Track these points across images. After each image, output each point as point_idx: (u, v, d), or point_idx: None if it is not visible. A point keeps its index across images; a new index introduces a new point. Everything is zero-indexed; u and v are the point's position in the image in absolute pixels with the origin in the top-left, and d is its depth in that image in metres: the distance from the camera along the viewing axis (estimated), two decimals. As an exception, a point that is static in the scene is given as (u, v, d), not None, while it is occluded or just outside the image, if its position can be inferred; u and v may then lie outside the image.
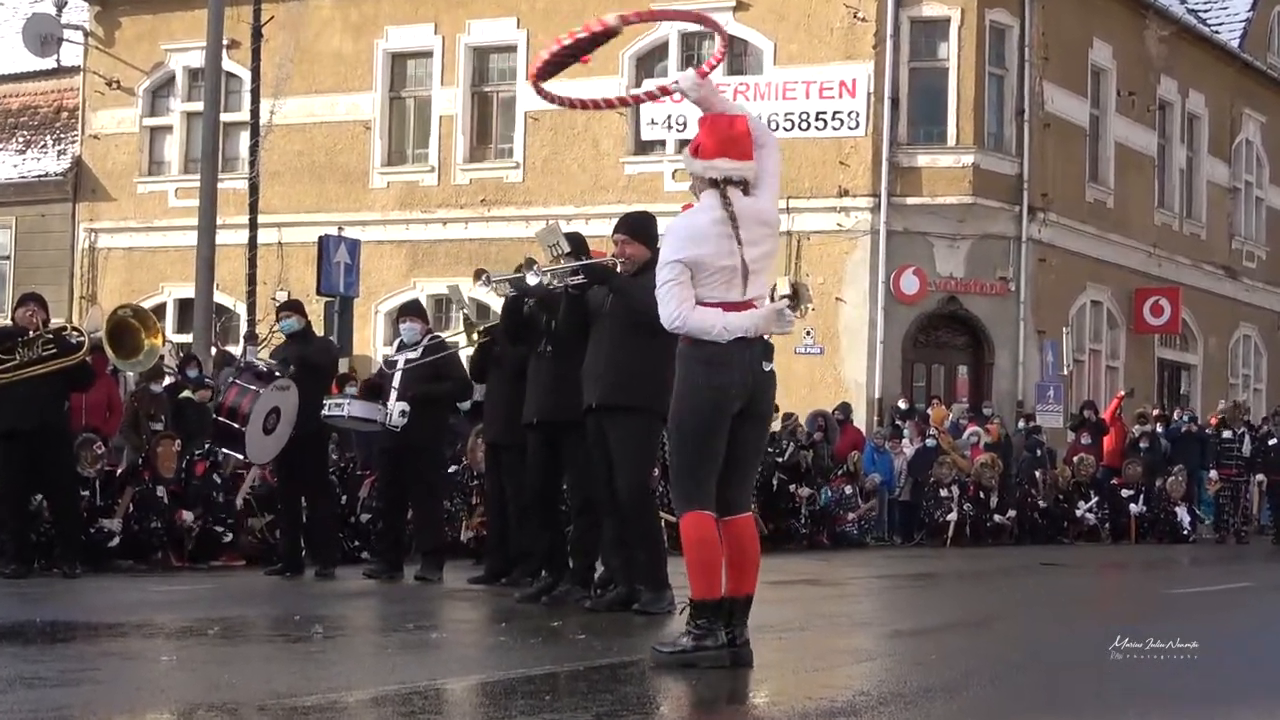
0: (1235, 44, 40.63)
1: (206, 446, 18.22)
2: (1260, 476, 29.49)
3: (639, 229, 11.26)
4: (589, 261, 11.71)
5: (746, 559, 8.40)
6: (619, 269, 11.19)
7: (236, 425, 15.46)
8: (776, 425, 26.21)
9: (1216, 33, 40.38)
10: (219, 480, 18.17)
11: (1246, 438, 29.73)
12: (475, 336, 14.85)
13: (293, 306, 16.76)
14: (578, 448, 12.13)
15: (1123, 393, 31.99)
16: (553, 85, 9.12)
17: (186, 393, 20.66)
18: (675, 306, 8.20)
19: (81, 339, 15.29)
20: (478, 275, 12.89)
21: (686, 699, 7.60)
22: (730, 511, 8.32)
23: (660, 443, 11.79)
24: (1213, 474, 29.69)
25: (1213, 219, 40.07)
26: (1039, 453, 29.18)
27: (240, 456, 16.52)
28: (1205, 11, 41.60)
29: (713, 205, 8.32)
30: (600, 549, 12.19)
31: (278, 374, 15.75)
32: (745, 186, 8.39)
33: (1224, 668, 9.04)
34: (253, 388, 15.57)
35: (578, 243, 12.22)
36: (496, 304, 15.23)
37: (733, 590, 8.32)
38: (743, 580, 8.36)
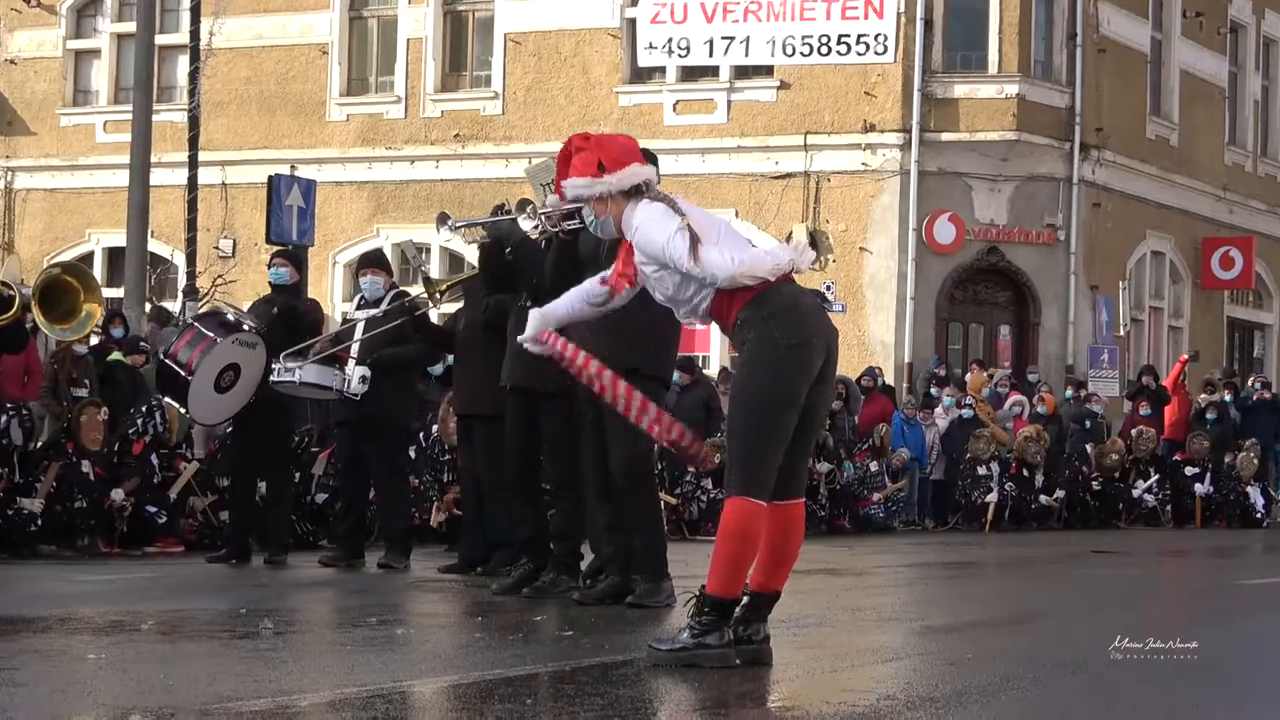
0: (1318, -43, 40.60)
1: (140, 422, 18.19)
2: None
3: (640, 168, 11.23)
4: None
5: (790, 552, 8.55)
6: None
7: (182, 374, 15.35)
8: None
9: (1297, -57, 40.36)
10: (156, 462, 18.13)
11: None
12: (439, 295, 14.83)
13: (289, 256, 16.75)
14: (560, 417, 12.16)
15: (1186, 356, 32.00)
16: None
17: (116, 355, 20.62)
18: (722, 255, 8.26)
19: (11, 294, 15.22)
20: (440, 220, 12.86)
21: (687, 703, 7.62)
22: (787, 495, 8.40)
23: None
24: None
25: (1292, 158, 40.09)
26: (1089, 424, 29.17)
27: (183, 411, 16.45)
28: (1284, -80, 41.57)
29: (643, 205, 8.48)
30: (590, 533, 12.20)
31: (245, 326, 15.62)
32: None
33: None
34: (210, 335, 15.42)
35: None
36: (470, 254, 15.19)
37: (763, 584, 8.39)
38: (778, 575, 8.48)
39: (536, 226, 11.74)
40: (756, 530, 8.30)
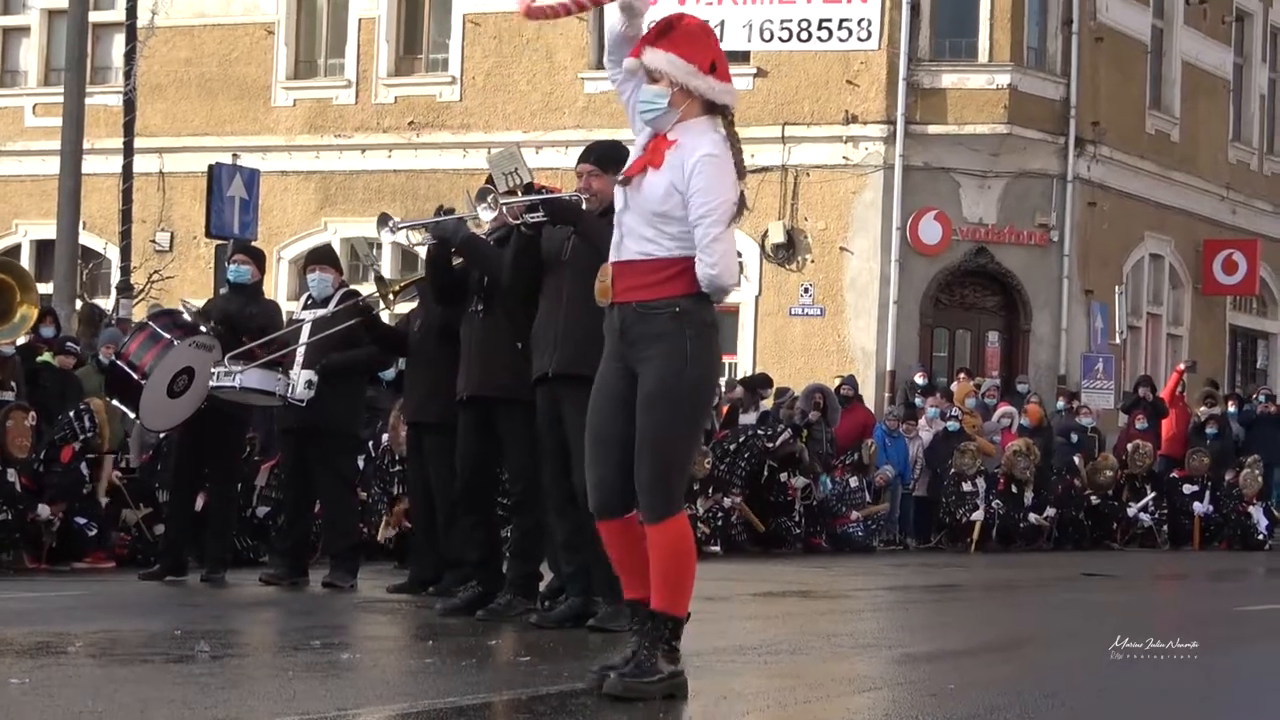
0: (1330, -58, 40.77)
1: (69, 427, 18.16)
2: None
3: (610, 160, 11.15)
4: (553, 195, 11.70)
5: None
6: (586, 206, 11.14)
7: (135, 376, 15.35)
8: (768, 403, 26.33)
9: (1307, -72, 40.53)
10: (86, 471, 18.10)
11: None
12: (392, 297, 14.84)
13: (251, 253, 16.72)
14: (516, 429, 12.19)
15: (1183, 366, 32.07)
16: None
17: (45, 356, 20.59)
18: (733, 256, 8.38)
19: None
20: (381, 221, 12.87)
21: (651, 736, 7.65)
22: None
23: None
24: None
25: (1299, 156, 40.24)
26: (1075, 438, 29.15)
27: (132, 415, 16.44)
28: (1294, -98, 41.73)
29: (716, 139, 8.43)
30: (548, 551, 12.22)
31: (202, 328, 15.63)
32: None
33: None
34: (166, 336, 15.41)
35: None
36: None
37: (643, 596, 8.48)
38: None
39: (497, 217, 11.79)
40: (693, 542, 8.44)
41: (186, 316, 16.02)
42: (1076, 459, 28.57)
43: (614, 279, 8.29)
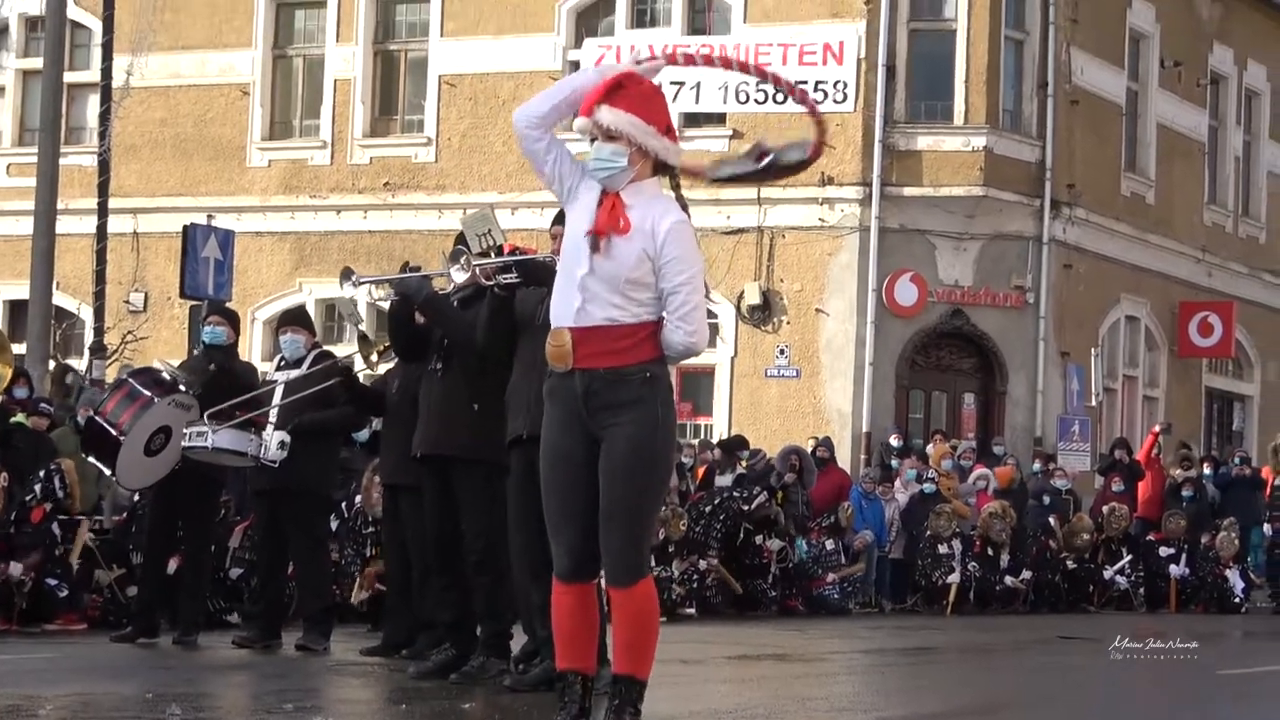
0: (1304, 6, 40.97)
1: (39, 488, 18.10)
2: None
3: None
4: (526, 257, 11.73)
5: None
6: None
7: (113, 433, 15.32)
8: (742, 465, 26.31)
9: (1281, -8, 40.73)
10: (58, 532, 18.05)
11: (1292, 484, 29.90)
12: (374, 356, 14.84)
13: (226, 315, 16.72)
14: (474, 489, 12.21)
15: (1158, 428, 32.07)
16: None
17: (19, 417, 20.54)
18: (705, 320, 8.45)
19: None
20: (344, 275, 12.89)
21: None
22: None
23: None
24: (1267, 529, 29.84)
25: (1275, 218, 40.39)
26: (1047, 500, 29.14)
27: (108, 472, 16.41)
28: (1268, -34, 41.94)
29: (674, 203, 8.45)
30: (523, 614, 12.19)
31: (181, 387, 15.62)
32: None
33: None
34: (146, 394, 15.41)
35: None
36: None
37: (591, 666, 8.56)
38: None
39: (470, 278, 11.81)
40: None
41: (165, 375, 16.02)
42: (1052, 521, 28.57)
43: (575, 344, 8.28)
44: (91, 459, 16.74)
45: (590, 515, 8.28)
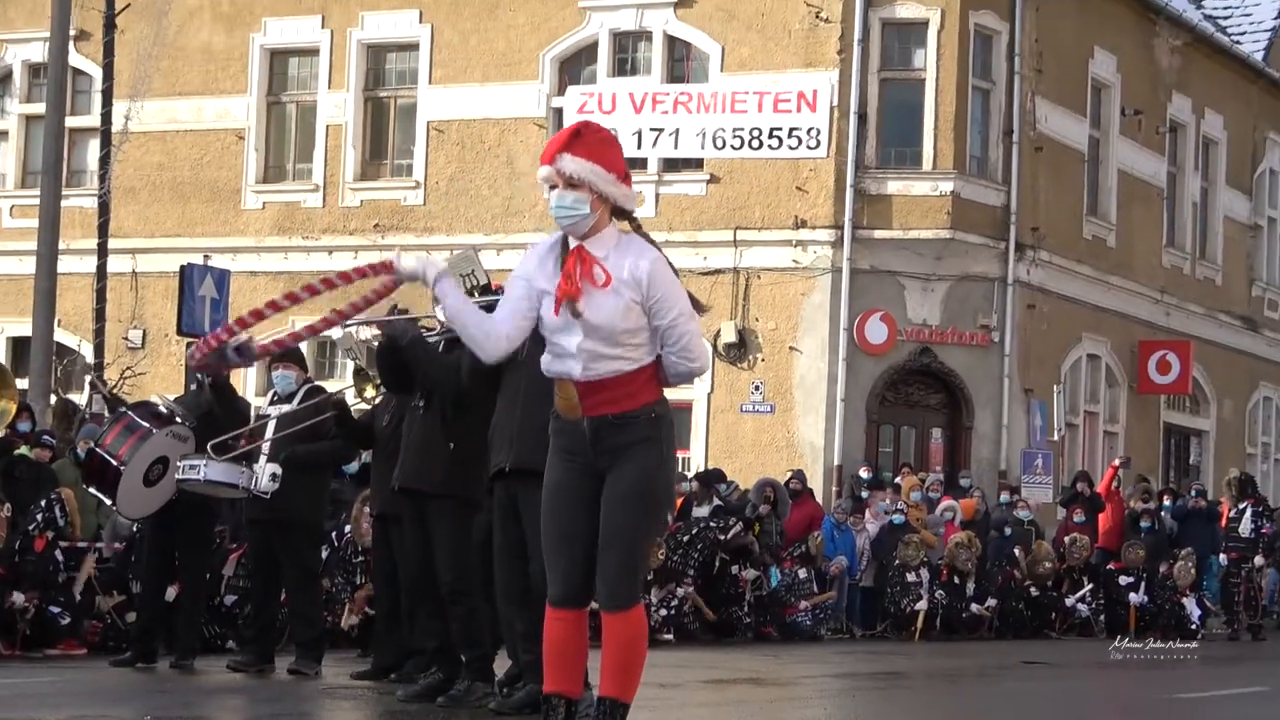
0: (1259, 57, 41.07)
1: (40, 518, 18.10)
2: (1259, 560, 29.71)
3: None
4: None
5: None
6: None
7: (114, 464, 15.33)
8: (717, 498, 26.32)
9: (1238, 44, 40.83)
10: (60, 559, 18.05)
11: (1247, 515, 29.87)
12: (370, 391, 14.86)
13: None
14: (445, 521, 12.26)
15: (1117, 462, 32.10)
16: None
17: (22, 450, 20.53)
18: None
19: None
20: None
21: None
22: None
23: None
24: (1222, 559, 29.91)
25: (1230, 261, 40.46)
26: (1008, 531, 29.13)
27: (109, 502, 16.41)
28: (1225, 19, 42.07)
29: (643, 243, 8.44)
30: (506, 640, 12.21)
31: (178, 419, 15.64)
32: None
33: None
34: (144, 425, 15.44)
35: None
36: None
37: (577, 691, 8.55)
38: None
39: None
40: None
41: (162, 408, 16.04)
42: (1016, 551, 28.61)
43: (582, 396, 8.31)
44: (93, 490, 16.75)
45: (588, 546, 8.30)
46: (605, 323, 8.23)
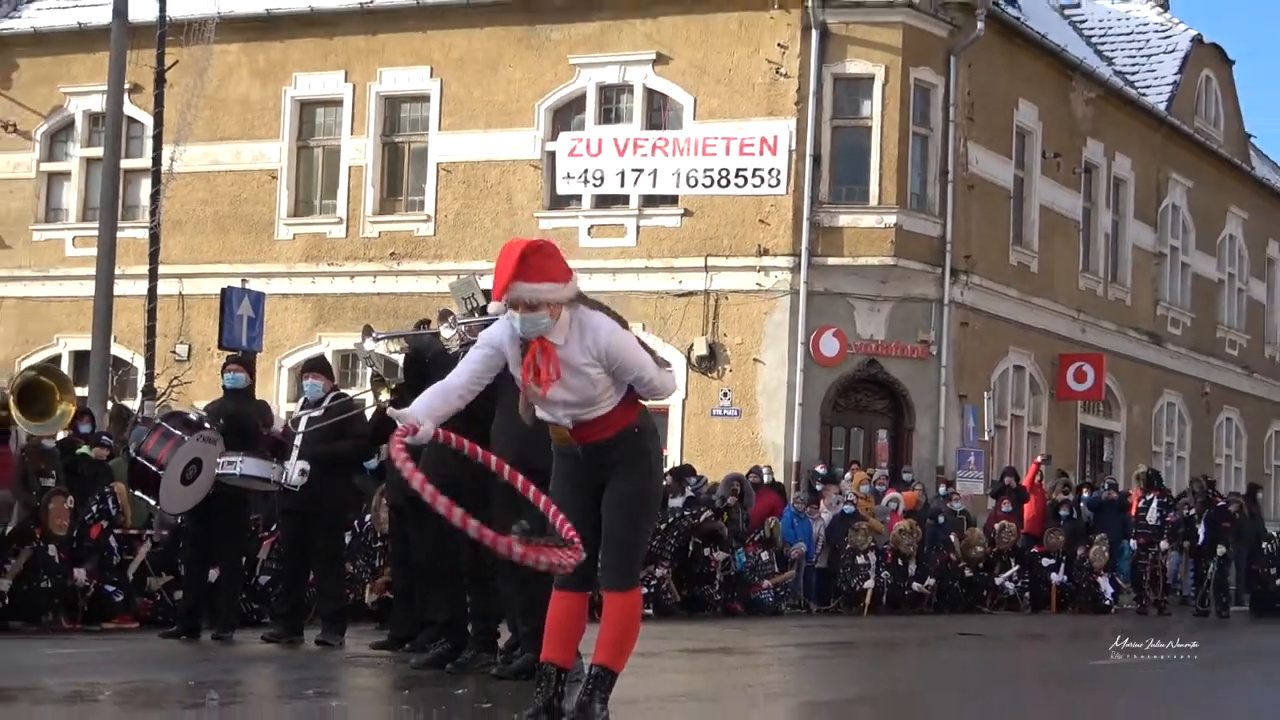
0: (1162, 107, 41.14)
1: (95, 508, 18.06)
2: (1165, 545, 29.75)
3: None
4: (503, 317, 11.71)
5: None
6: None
7: (153, 469, 15.38)
8: (689, 490, 26.29)
9: (1143, 95, 40.89)
10: (114, 544, 18.01)
11: (1154, 505, 29.99)
12: (385, 395, 14.83)
13: (242, 362, 16.76)
14: (472, 510, 12.17)
15: (1040, 459, 32.16)
16: None
17: (84, 449, 20.47)
18: (661, 371, 8.48)
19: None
20: (365, 332, 12.90)
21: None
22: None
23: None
24: (1132, 543, 29.98)
25: (1138, 284, 40.49)
26: (942, 520, 29.11)
27: (153, 502, 16.42)
28: (1133, 74, 42.11)
29: (597, 318, 8.36)
30: (508, 613, 12.17)
31: (206, 425, 15.69)
32: None
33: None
34: (177, 433, 15.49)
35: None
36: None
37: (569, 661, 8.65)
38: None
39: (454, 336, 11.80)
40: None
41: (192, 416, 16.09)
42: (952, 537, 28.61)
43: (573, 433, 8.32)
44: (138, 493, 16.74)
45: (592, 540, 8.32)
46: (579, 398, 8.24)
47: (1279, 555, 31.00)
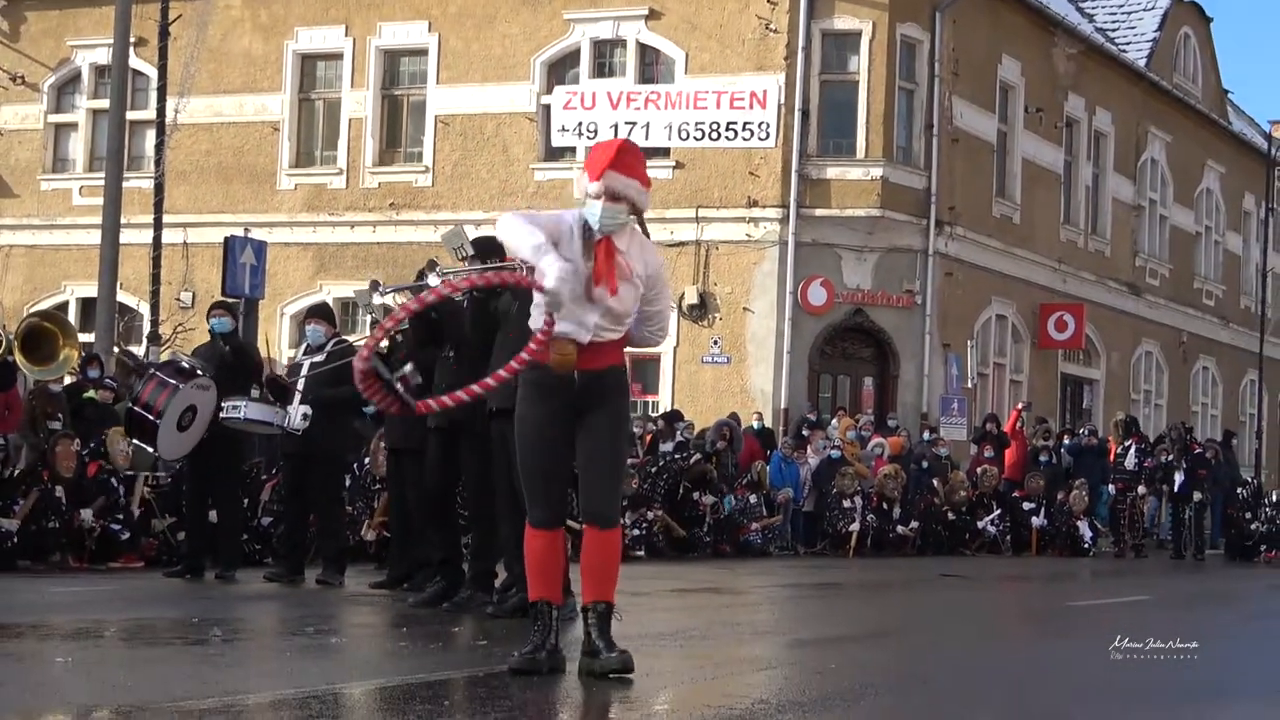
0: (1142, 63, 41.05)
1: (91, 446, 18.05)
2: (1143, 490, 29.82)
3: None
4: (493, 265, 11.69)
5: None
6: (524, 274, 11.13)
7: (151, 418, 15.35)
8: (679, 435, 26.30)
9: (1124, 51, 40.81)
10: (115, 484, 17.99)
11: (1131, 451, 30.04)
12: (385, 344, 14.77)
13: (226, 307, 16.71)
14: (475, 454, 12.17)
15: (1020, 406, 32.22)
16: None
17: (91, 393, 20.45)
18: None
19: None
20: (371, 286, 12.87)
21: (585, 705, 7.61)
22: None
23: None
24: (1111, 488, 30.05)
25: (1117, 236, 40.47)
26: (925, 464, 29.15)
27: (151, 449, 16.41)
28: (1113, 30, 42.03)
29: (646, 240, 8.63)
30: (506, 555, 12.17)
31: (199, 372, 15.64)
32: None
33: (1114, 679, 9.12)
34: (172, 382, 15.46)
35: (490, 246, 12.17)
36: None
37: (558, 597, 8.63)
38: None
39: (440, 284, 11.79)
40: None
41: (185, 364, 16.04)
42: (935, 481, 28.65)
43: (579, 354, 8.29)
44: (135, 441, 16.75)
45: (567, 480, 8.37)
46: (624, 310, 8.29)
47: (1253, 500, 31.07)
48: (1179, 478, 29.68)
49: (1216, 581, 23.39)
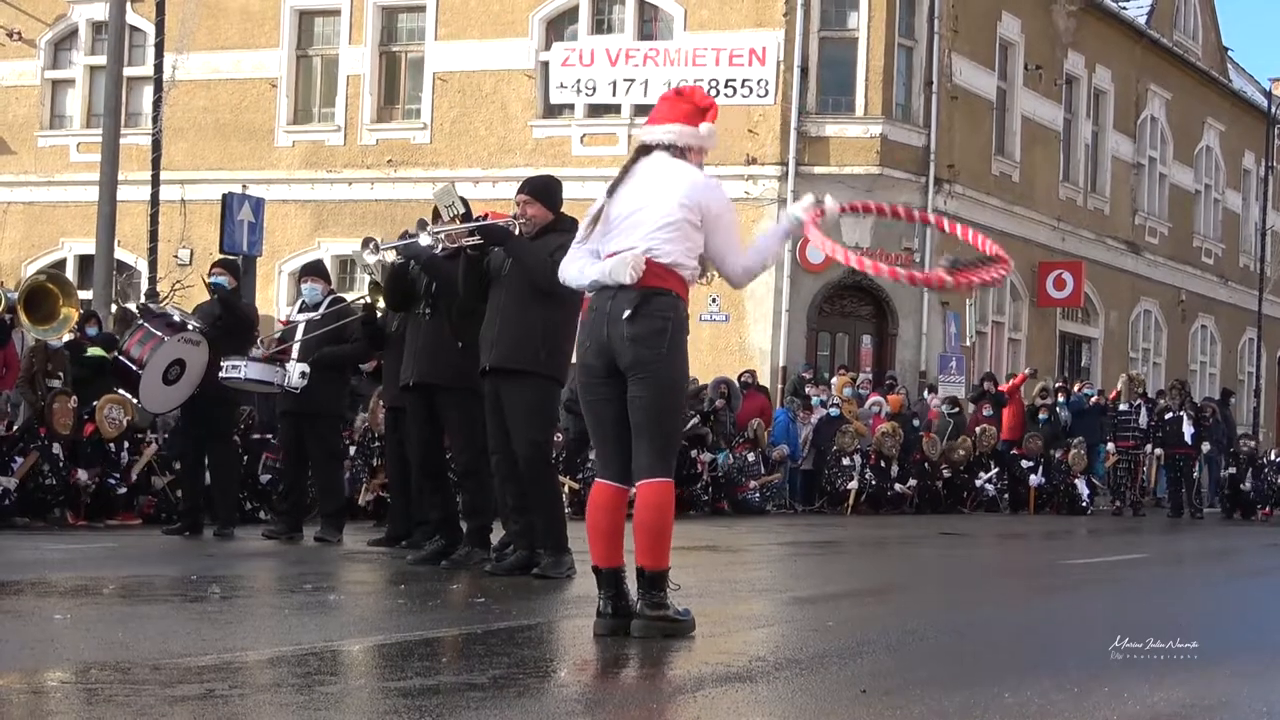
0: (1142, 21, 41.00)
1: (92, 404, 18.05)
2: (1156, 449, 29.88)
3: (542, 191, 11.25)
4: (486, 222, 11.66)
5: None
6: (519, 229, 11.14)
7: (134, 368, 15.32)
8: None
9: (1124, 9, 40.72)
10: (113, 448, 17.98)
11: (1143, 410, 30.12)
12: (383, 301, 14.78)
13: (226, 265, 16.69)
14: (455, 411, 12.21)
15: (1025, 373, 32.22)
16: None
17: (93, 350, 20.43)
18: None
19: (-4, 295, 15.10)
20: (365, 243, 12.84)
21: (583, 663, 7.62)
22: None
23: (557, 406, 11.91)
24: (1110, 447, 30.07)
25: (1116, 194, 40.45)
26: (916, 424, 29.16)
27: (134, 400, 16.39)
28: (1113, -13, 41.94)
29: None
30: (499, 512, 12.18)
31: (189, 326, 15.61)
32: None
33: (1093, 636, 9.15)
34: (158, 334, 15.42)
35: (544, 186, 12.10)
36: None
37: (619, 560, 8.25)
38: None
39: (431, 245, 11.81)
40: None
41: (176, 317, 16.01)
42: (924, 441, 28.66)
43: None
44: (120, 391, 16.74)
45: (621, 440, 8.07)
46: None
47: (1250, 458, 31.11)
48: (1188, 429, 29.71)
49: (1215, 539, 23.42)
